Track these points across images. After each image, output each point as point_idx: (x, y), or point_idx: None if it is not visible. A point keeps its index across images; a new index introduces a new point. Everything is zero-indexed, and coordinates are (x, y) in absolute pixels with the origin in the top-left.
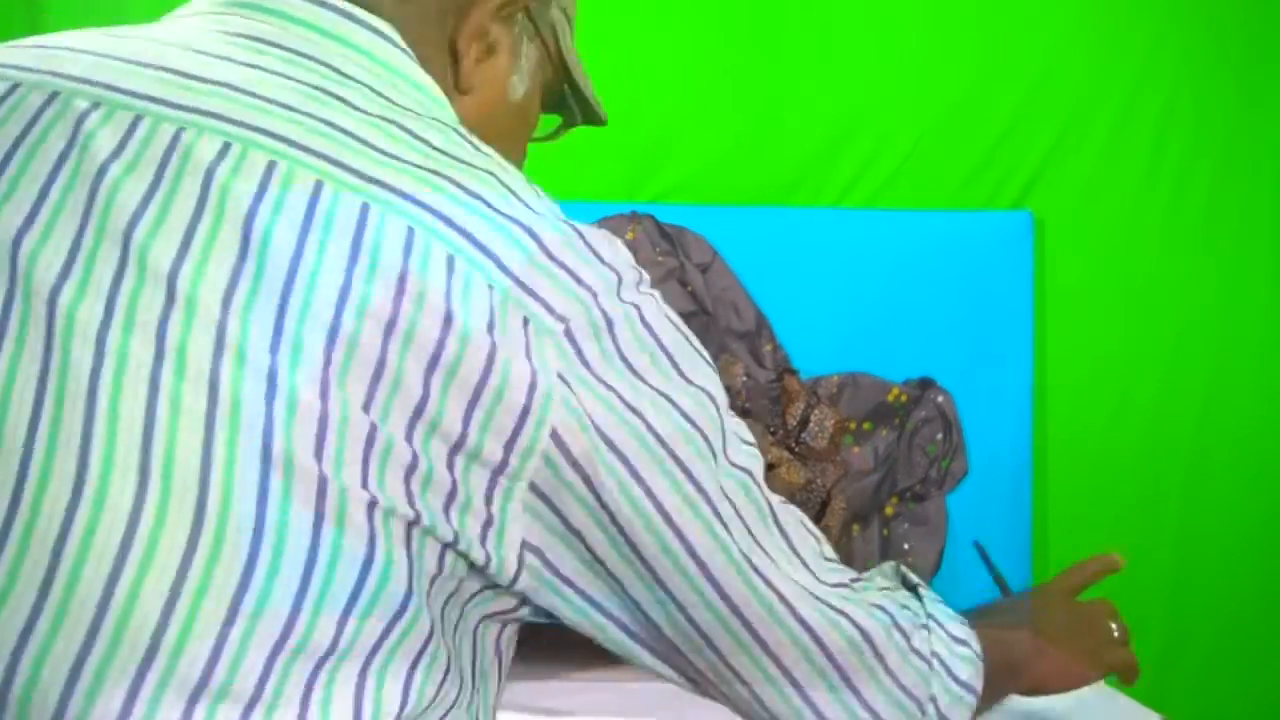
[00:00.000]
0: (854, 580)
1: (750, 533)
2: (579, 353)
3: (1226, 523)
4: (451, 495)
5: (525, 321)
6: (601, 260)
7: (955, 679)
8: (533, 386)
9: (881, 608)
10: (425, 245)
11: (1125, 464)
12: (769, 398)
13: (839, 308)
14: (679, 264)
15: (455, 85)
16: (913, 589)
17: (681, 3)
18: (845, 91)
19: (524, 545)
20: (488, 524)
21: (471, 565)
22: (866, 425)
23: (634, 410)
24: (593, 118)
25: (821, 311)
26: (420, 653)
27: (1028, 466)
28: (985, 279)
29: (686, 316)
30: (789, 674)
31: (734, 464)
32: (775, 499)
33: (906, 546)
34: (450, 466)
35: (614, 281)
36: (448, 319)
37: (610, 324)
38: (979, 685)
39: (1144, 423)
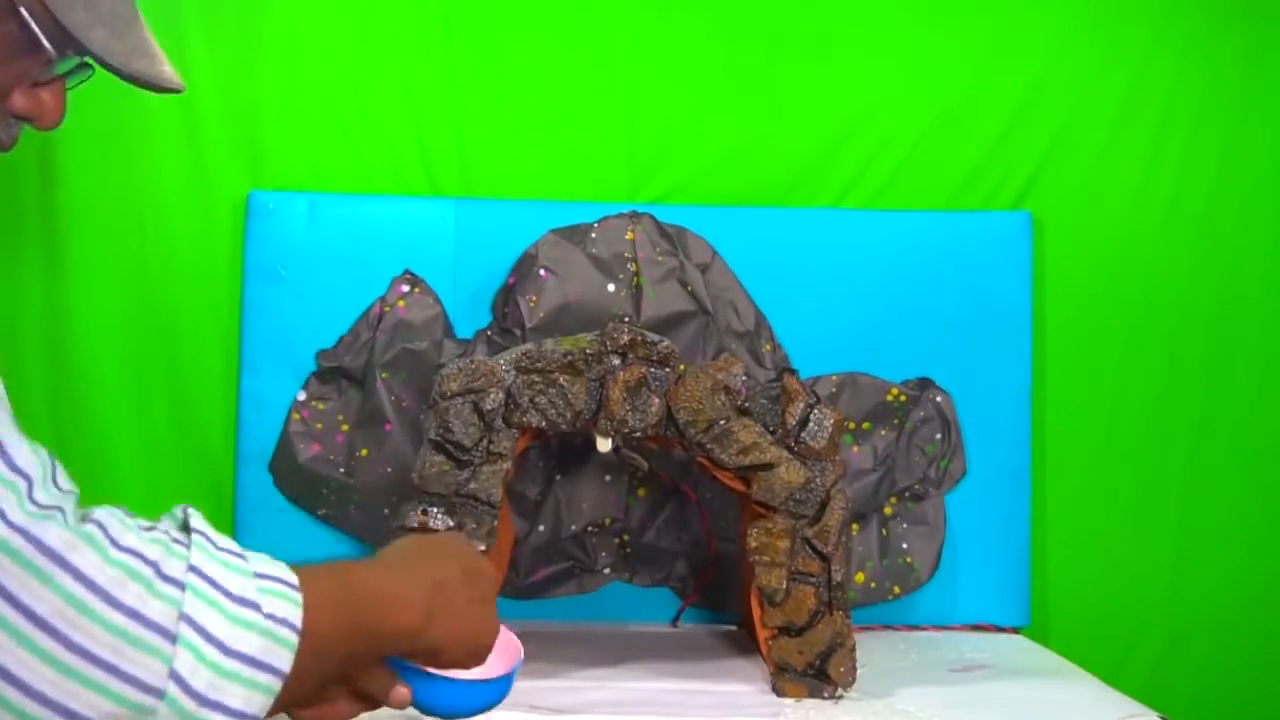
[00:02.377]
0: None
1: None
2: None
3: (1225, 523)
4: None
5: None
6: None
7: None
8: None
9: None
10: None
11: (1124, 464)
12: (768, 397)
13: (838, 308)
14: (679, 264)
15: None
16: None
17: (682, 3)
18: (845, 92)
19: None
20: None
21: None
22: (866, 425)
23: None
24: (117, 69)
25: (821, 311)
26: None
27: (1026, 466)
28: (984, 279)
29: (686, 316)
30: None
31: None
32: None
33: (905, 546)
34: None
35: None
36: None
37: None
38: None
39: (1143, 422)
